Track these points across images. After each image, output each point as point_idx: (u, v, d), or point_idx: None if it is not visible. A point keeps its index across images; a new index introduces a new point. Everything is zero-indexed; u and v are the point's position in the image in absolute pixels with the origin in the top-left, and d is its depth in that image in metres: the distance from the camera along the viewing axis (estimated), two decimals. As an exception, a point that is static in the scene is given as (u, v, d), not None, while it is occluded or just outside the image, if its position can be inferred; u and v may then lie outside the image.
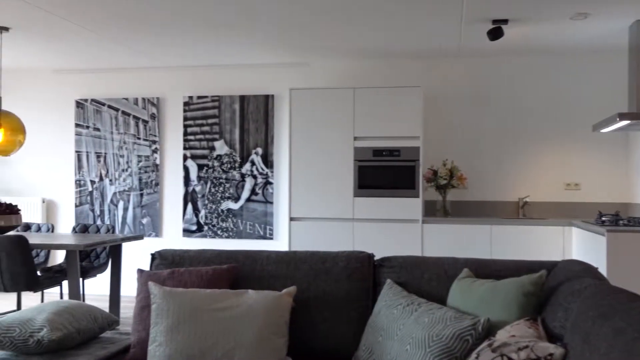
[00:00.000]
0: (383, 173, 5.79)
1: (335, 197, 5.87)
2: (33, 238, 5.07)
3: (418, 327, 2.24)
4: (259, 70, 6.71)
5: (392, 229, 5.76)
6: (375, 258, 4.17)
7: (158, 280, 2.67)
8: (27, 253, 4.65)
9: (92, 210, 6.98)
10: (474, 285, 2.39)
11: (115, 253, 5.47)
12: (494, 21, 4.94)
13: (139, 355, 2.56)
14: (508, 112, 6.25)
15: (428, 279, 2.61)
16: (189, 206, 6.78)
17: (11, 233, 5.21)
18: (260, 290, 2.65)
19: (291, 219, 5.94)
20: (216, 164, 6.73)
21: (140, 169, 6.90)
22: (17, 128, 5.41)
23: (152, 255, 2.96)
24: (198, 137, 6.77)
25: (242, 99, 6.69)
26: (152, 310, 2.50)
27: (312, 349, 2.65)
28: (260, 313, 2.44)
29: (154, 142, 6.87)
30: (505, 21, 4.93)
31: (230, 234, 6.68)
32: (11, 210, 5.16)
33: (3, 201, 5.40)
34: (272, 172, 6.62)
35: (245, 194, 6.66)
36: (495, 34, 4.98)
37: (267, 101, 6.64)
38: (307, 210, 5.92)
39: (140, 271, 2.77)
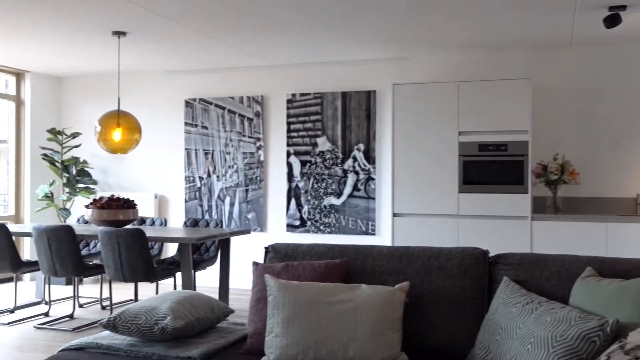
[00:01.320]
0: (489, 168, 5.64)
1: (439, 192, 5.78)
2: (148, 231, 5.34)
3: (540, 326, 2.16)
4: (360, 67, 6.72)
5: (499, 226, 5.60)
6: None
7: (273, 273, 2.74)
8: (145, 245, 4.90)
9: (201, 206, 7.26)
10: (599, 284, 2.28)
11: (224, 246, 5.66)
12: (611, 7, 4.68)
13: (255, 345, 2.64)
14: (624, 103, 5.91)
15: (548, 277, 2.52)
16: (292, 202, 6.91)
17: (129, 226, 5.51)
18: (373, 285, 2.65)
19: (394, 214, 5.91)
20: (319, 160, 6.81)
21: (245, 165, 7.10)
22: (133, 127, 5.71)
23: (266, 248, 3.04)
24: (301, 133, 6.88)
25: (344, 95, 6.72)
26: (268, 302, 2.56)
27: (426, 345, 2.62)
28: (374, 307, 2.45)
29: (259, 139, 7.04)
30: (623, 7, 4.66)
31: (333, 229, 6.74)
32: (129, 205, 5.46)
33: (121, 197, 5.71)
34: (374, 167, 6.62)
35: (348, 189, 6.70)
36: (612, 21, 4.72)
37: (368, 97, 6.64)
38: (410, 206, 5.87)
39: (255, 264, 2.85)
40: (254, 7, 4.69)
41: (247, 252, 7.05)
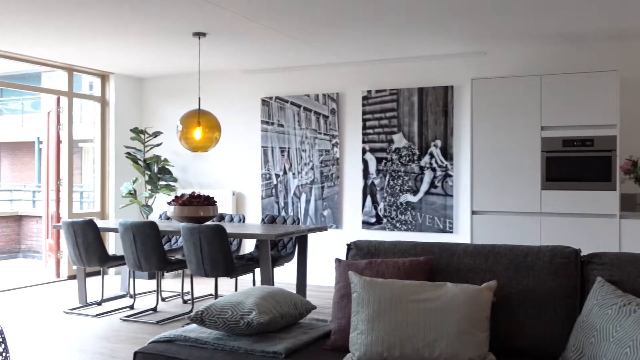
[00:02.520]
0: (574, 164, 5.43)
1: (521, 189, 5.62)
2: (228, 228, 5.45)
3: (640, 329, 2.06)
4: (437, 62, 6.62)
5: (585, 225, 5.39)
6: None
7: (356, 269, 2.73)
8: (225, 241, 5.00)
9: (277, 203, 7.35)
10: None
11: (301, 243, 5.71)
12: None
13: (339, 342, 2.64)
14: None
15: (646, 278, 2.40)
16: (368, 199, 6.89)
17: (209, 223, 5.64)
18: (458, 283, 2.60)
19: (473, 212, 5.79)
20: (395, 157, 6.76)
21: (321, 162, 7.13)
22: (213, 126, 5.84)
23: (348, 245, 3.04)
24: (377, 130, 6.84)
25: (421, 91, 6.64)
26: (352, 299, 2.56)
27: (514, 346, 2.55)
28: (460, 306, 2.40)
29: (334, 136, 7.05)
30: None
31: (409, 226, 6.67)
32: (209, 201, 5.59)
33: (201, 194, 5.85)
34: (451, 164, 6.50)
35: (424, 186, 6.61)
36: None
37: (446, 92, 6.53)
38: (490, 204, 5.73)
39: (338, 261, 2.85)
40: (334, 5, 4.70)
41: (322, 248, 7.08)
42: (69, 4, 4.74)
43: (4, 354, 3.54)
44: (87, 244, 5.57)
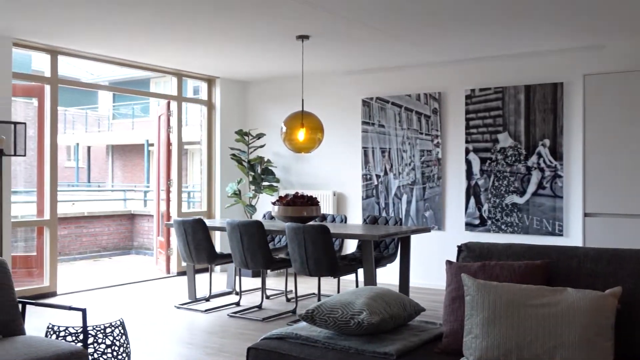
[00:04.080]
0: (699, 164, 5.05)
1: (639, 190, 5.29)
2: (331, 228, 5.49)
3: None
4: (545, 58, 6.36)
5: None
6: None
7: (469, 272, 2.67)
8: (329, 241, 5.05)
9: (378, 203, 7.33)
10: None
11: (404, 244, 5.66)
12: None
13: (452, 345, 2.59)
14: None
15: None
16: (472, 200, 6.73)
17: (313, 223, 5.70)
18: (579, 288, 2.48)
19: (585, 214, 5.53)
20: (500, 157, 6.56)
21: (422, 163, 7.04)
22: (316, 127, 5.91)
23: (459, 247, 2.98)
24: (480, 130, 6.67)
25: (527, 88, 6.41)
26: (466, 302, 2.50)
27: (641, 356, 2.40)
28: (582, 313, 2.29)
29: (436, 136, 6.95)
30: None
31: (515, 229, 6.46)
32: (312, 202, 5.66)
33: (304, 194, 5.93)
34: (561, 164, 6.23)
35: (532, 187, 6.38)
36: None
37: (555, 90, 6.26)
38: (604, 206, 5.44)
39: (449, 263, 2.80)
40: (436, 3, 4.63)
41: (424, 250, 6.98)
42: (181, 16, 4.95)
43: (125, 345, 3.74)
44: (197, 242, 5.80)
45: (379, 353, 2.57)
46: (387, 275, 6.85)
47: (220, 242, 8.00)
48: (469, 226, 6.73)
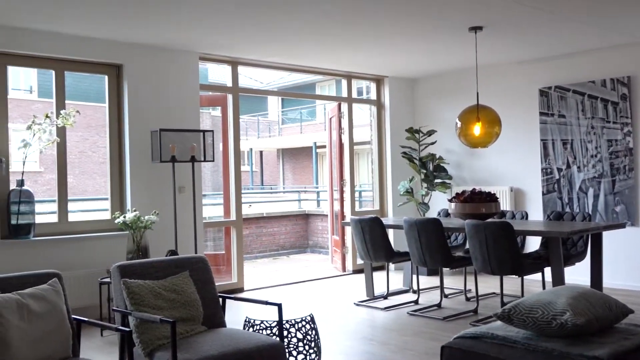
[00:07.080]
0: None
1: None
2: (514, 225, 5.26)
3: None
4: None
5: None
6: None
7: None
8: (513, 239, 4.84)
9: (560, 198, 6.91)
10: None
11: (595, 241, 5.28)
12: None
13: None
14: None
15: None
16: (670, 192, 6.10)
17: (494, 219, 5.51)
18: None
19: None
20: None
21: (610, 154, 6.51)
22: (493, 120, 5.70)
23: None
24: (679, 114, 6.03)
25: None
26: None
27: None
28: None
29: (626, 124, 6.39)
30: None
31: None
32: (491, 198, 5.48)
33: (482, 190, 5.74)
34: None
35: None
36: None
37: None
38: None
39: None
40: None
41: (616, 247, 6.43)
42: (349, 15, 5.03)
43: (315, 338, 3.87)
44: (374, 240, 5.85)
45: (588, 356, 2.40)
46: (575, 275, 6.44)
47: (394, 240, 8.01)
48: (669, 221, 6.11)
